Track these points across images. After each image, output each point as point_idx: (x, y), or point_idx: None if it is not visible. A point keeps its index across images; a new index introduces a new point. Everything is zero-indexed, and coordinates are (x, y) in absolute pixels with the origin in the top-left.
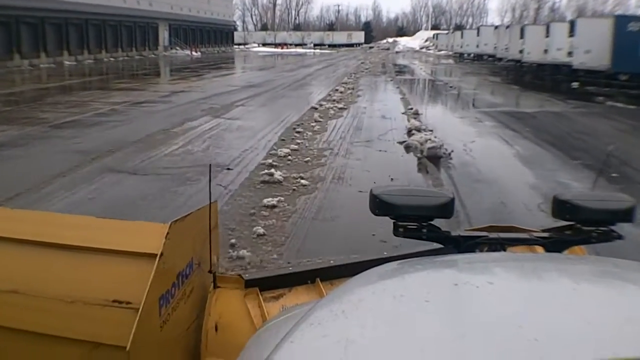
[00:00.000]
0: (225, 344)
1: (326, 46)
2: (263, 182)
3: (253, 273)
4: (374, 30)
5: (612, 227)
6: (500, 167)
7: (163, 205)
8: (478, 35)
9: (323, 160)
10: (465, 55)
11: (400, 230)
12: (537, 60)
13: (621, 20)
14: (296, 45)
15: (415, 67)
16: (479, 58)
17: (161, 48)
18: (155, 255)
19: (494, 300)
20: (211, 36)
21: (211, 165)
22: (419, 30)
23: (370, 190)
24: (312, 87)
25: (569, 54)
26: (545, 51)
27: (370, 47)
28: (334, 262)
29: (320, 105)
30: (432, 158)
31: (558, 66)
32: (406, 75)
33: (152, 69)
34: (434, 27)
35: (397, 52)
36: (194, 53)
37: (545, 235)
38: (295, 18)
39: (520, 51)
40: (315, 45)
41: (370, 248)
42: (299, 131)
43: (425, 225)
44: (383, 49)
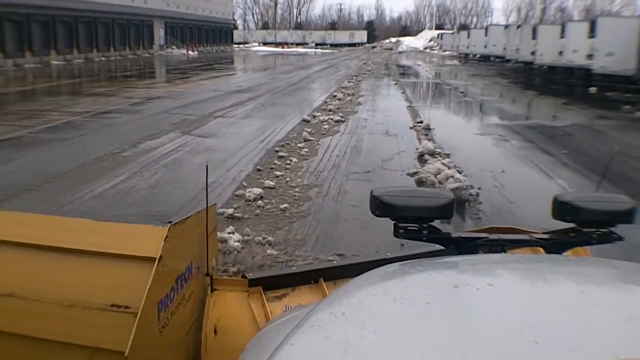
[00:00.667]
0: (225, 347)
1: (328, 45)
2: None
3: (257, 272)
4: (376, 29)
5: (612, 229)
6: (547, 215)
7: None
8: (486, 35)
9: (306, 206)
10: (471, 56)
11: (401, 231)
12: (551, 63)
13: None
14: (297, 44)
15: (420, 69)
16: (486, 59)
17: (156, 47)
18: (154, 259)
19: (494, 302)
20: (209, 35)
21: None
22: (422, 29)
23: (371, 191)
24: (308, 93)
25: (589, 56)
26: (560, 53)
27: (373, 47)
28: (337, 263)
29: (314, 116)
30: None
31: (571, 69)
32: (411, 78)
33: (141, 70)
34: (437, 27)
35: (401, 52)
36: (190, 52)
37: (546, 236)
38: (296, 17)
39: (532, 53)
40: (316, 44)
41: None
42: (282, 156)
43: (425, 226)
44: (386, 48)
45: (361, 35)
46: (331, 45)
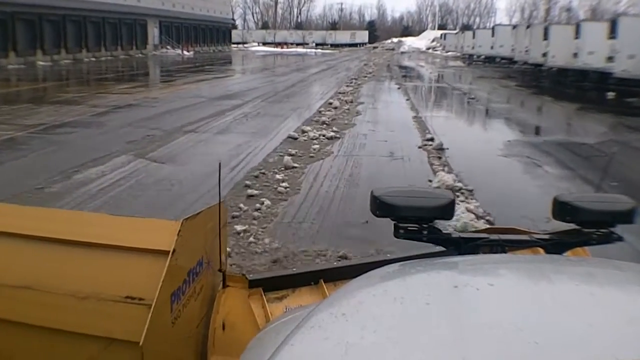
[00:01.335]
0: (232, 342)
1: (328, 46)
2: None
3: (257, 273)
4: (378, 29)
5: (613, 229)
6: None
7: None
8: (493, 35)
9: None
10: (475, 57)
11: (401, 231)
12: (564, 65)
13: None
14: (297, 44)
15: (423, 71)
16: (491, 60)
17: (150, 47)
18: (167, 252)
19: (495, 302)
20: (207, 34)
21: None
22: (424, 30)
23: (371, 191)
24: (302, 99)
25: (609, 59)
26: (575, 55)
27: (375, 47)
28: (337, 264)
29: (303, 132)
30: None
31: (585, 72)
32: (415, 81)
33: (126, 71)
34: (440, 27)
35: (403, 53)
36: (185, 53)
37: (546, 237)
38: (297, 16)
39: (543, 54)
40: (317, 44)
41: None
42: (252, 195)
43: (426, 226)
44: (387, 49)
45: (362, 36)
46: (332, 45)
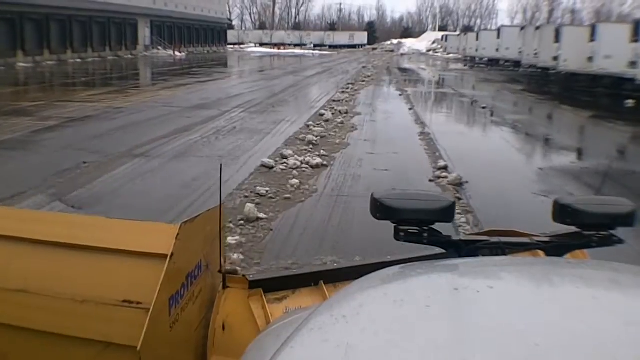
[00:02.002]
0: (232, 343)
1: (327, 47)
2: None
3: (257, 274)
4: (377, 30)
5: (613, 232)
6: None
7: None
8: (499, 37)
9: None
10: (477, 59)
11: (402, 234)
12: (577, 70)
13: None
14: (295, 45)
15: (425, 74)
16: (494, 63)
17: (141, 48)
18: (166, 255)
19: (495, 305)
20: (201, 35)
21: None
22: (424, 31)
23: (372, 194)
24: (289, 109)
25: (632, 64)
26: (590, 59)
27: (374, 49)
28: (337, 265)
29: (282, 156)
30: None
31: (598, 77)
32: (418, 87)
33: (105, 74)
34: (440, 29)
35: (403, 55)
36: (177, 53)
37: (546, 239)
38: (295, 17)
39: (554, 58)
40: (315, 45)
41: None
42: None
43: (426, 229)
44: (387, 50)
45: (361, 37)
46: (330, 46)
